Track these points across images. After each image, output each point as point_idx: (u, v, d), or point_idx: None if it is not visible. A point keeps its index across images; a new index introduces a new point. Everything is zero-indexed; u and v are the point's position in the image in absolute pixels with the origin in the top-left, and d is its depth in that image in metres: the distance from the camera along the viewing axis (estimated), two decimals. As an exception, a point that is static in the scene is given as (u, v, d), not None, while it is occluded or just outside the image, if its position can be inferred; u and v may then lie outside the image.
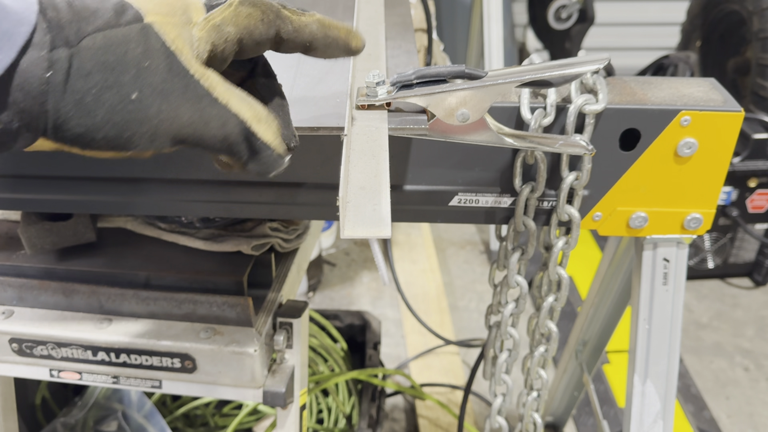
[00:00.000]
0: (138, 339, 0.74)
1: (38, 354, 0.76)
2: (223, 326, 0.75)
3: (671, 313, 0.79)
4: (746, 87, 2.23)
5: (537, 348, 0.91)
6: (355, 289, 2.13)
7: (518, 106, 0.67)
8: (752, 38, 2.10)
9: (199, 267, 0.78)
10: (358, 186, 0.57)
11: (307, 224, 0.88)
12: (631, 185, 0.71)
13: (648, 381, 0.82)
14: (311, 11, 0.50)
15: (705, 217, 0.73)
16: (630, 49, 3.26)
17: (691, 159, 0.69)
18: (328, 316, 1.51)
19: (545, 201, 0.73)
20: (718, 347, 1.89)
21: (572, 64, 0.58)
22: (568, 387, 1.34)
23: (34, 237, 0.78)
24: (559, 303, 0.84)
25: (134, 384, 0.77)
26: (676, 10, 2.88)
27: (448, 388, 1.70)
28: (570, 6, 2.32)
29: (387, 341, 1.88)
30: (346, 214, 0.52)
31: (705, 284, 2.14)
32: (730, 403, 1.71)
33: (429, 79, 0.58)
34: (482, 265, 2.23)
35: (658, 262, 0.78)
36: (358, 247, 2.31)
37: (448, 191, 0.72)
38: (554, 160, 0.70)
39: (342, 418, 1.38)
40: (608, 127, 0.68)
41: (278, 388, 0.75)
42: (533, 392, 0.97)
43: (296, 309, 0.78)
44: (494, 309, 0.89)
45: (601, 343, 1.13)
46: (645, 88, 0.70)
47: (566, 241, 0.77)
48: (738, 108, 0.67)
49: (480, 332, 1.93)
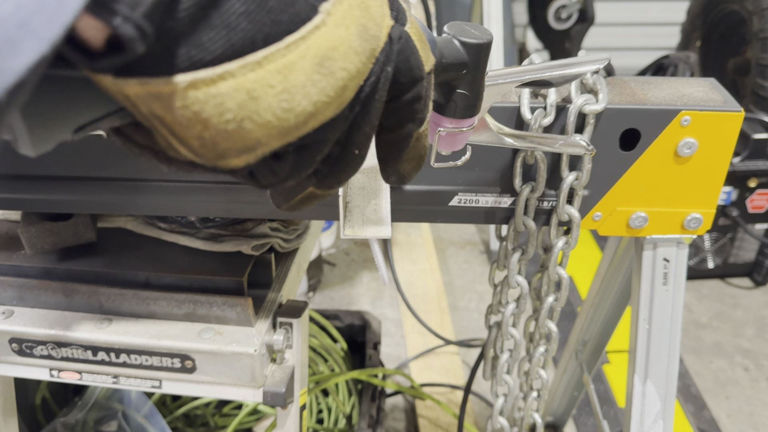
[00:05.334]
0: (138, 339, 0.74)
1: (38, 354, 0.76)
2: (223, 326, 0.75)
3: (671, 313, 0.79)
4: (746, 87, 2.23)
5: (537, 348, 0.91)
6: (355, 289, 2.13)
7: (518, 106, 0.67)
8: (752, 38, 2.10)
9: (199, 267, 0.78)
10: (358, 186, 0.57)
11: (307, 224, 0.87)
12: (631, 185, 0.71)
13: (648, 381, 0.82)
14: None
15: (705, 217, 0.73)
16: (630, 49, 3.26)
17: (691, 159, 0.69)
18: (328, 316, 1.51)
19: (545, 201, 0.73)
20: (718, 347, 1.89)
21: (572, 64, 0.58)
22: (568, 387, 1.34)
23: (34, 237, 0.78)
24: (559, 303, 0.84)
25: (134, 384, 0.77)
26: (676, 10, 2.88)
27: (448, 388, 1.70)
28: (570, 6, 2.32)
29: (387, 341, 1.88)
30: (346, 214, 0.53)
31: (705, 284, 2.13)
32: (730, 403, 1.71)
33: (429, 79, 0.58)
34: (482, 265, 2.23)
35: (658, 262, 0.78)
36: (358, 247, 2.31)
37: (448, 191, 0.72)
38: (554, 160, 0.70)
39: (342, 418, 1.38)
40: (608, 127, 0.68)
41: (278, 388, 0.75)
42: (533, 392, 0.97)
43: (296, 309, 0.78)
44: (494, 309, 0.89)
45: (601, 343, 1.13)
46: (645, 88, 0.70)
47: (566, 241, 0.77)
48: (738, 108, 0.67)
49: (480, 332, 1.93)
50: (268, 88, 0.31)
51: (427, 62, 0.41)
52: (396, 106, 0.40)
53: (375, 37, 0.36)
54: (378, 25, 0.36)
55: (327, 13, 0.33)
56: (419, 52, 0.39)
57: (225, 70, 0.30)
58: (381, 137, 0.43)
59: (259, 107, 0.31)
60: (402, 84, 0.39)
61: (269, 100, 0.31)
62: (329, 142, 0.37)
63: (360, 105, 0.37)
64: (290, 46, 0.31)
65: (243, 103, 0.30)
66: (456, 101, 0.49)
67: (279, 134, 0.33)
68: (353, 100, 0.36)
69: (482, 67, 0.48)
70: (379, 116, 0.39)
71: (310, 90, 0.32)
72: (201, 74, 0.29)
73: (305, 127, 0.34)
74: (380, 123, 0.42)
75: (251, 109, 0.31)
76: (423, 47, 0.40)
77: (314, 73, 0.32)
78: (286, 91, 0.32)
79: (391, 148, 0.43)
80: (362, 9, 0.35)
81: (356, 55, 0.34)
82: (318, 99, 0.33)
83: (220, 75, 0.30)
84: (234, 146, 0.32)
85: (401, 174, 0.46)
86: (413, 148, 0.44)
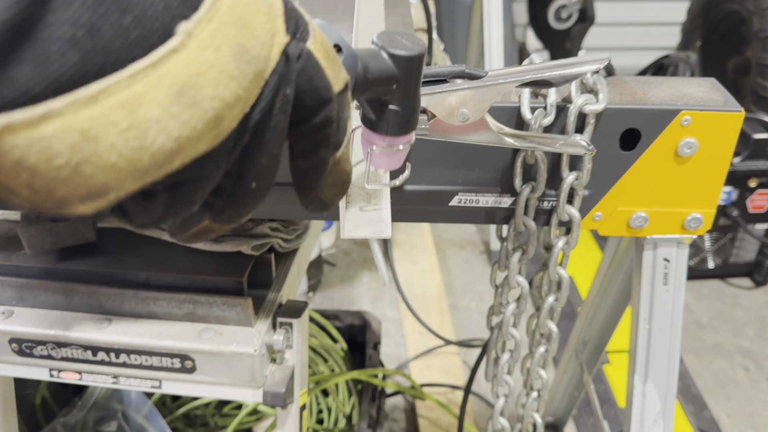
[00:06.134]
0: (138, 339, 0.74)
1: (38, 354, 0.76)
2: (223, 326, 0.75)
3: (671, 313, 0.79)
4: (746, 87, 2.23)
5: (537, 348, 0.91)
6: (355, 289, 2.13)
7: (518, 106, 0.67)
8: (752, 38, 2.10)
9: (199, 267, 0.78)
10: (358, 186, 0.57)
11: (307, 224, 0.87)
12: (632, 185, 0.71)
13: (648, 381, 0.82)
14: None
15: (705, 217, 0.73)
16: (630, 49, 3.26)
17: (691, 159, 0.69)
18: (328, 316, 1.51)
19: (545, 201, 0.73)
20: (719, 347, 1.89)
21: (572, 64, 0.58)
22: (568, 387, 1.34)
23: (34, 237, 0.78)
24: (560, 303, 0.84)
25: (134, 384, 0.77)
26: (676, 10, 2.88)
27: (449, 388, 1.70)
28: (570, 6, 2.32)
29: (387, 341, 1.88)
30: (346, 214, 0.52)
31: (705, 284, 2.13)
32: (730, 403, 1.71)
33: (429, 79, 0.58)
34: (482, 265, 2.23)
35: (658, 262, 0.78)
36: (358, 247, 2.31)
37: (448, 191, 0.72)
38: (554, 160, 0.70)
39: (342, 419, 1.38)
40: (608, 127, 0.68)
41: (278, 388, 0.75)
42: (533, 392, 0.97)
43: (296, 309, 0.78)
44: (496, 310, 0.89)
45: (601, 343, 1.13)
46: (645, 88, 0.70)
47: (566, 241, 0.77)
48: (738, 108, 0.67)
49: (480, 332, 1.93)
50: (110, 126, 0.26)
51: (337, 81, 0.37)
52: (304, 131, 0.37)
53: (260, 58, 0.32)
54: (264, 44, 0.32)
55: (187, 34, 0.29)
56: (325, 70, 0.36)
57: (48, 110, 0.25)
58: (294, 163, 0.39)
59: (99, 148, 0.26)
60: (308, 107, 0.35)
61: (112, 139, 0.27)
62: (210, 178, 0.33)
63: (250, 134, 0.33)
64: (136, 75, 0.27)
65: (77, 145, 0.26)
66: (388, 118, 0.45)
67: (133, 176, 0.28)
68: (238, 129, 0.32)
69: (414, 80, 0.44)
70: (281, 143, 0.35)
71: (168, 124, 0.28)
72: (17, 116, 0.25)
73: (169, 165, 0.29)
74: (291, 148, 0.38)
75: (89, 152, 0.26)
76: (331, 64, 0.36)
77: (173, 104, 0.28)
78: (133, 127, 0.27)
79: (306, 174, 0.40)
80: (240, 27, 0.31)
81: (232, 81, 0.30)
82: (181, 134, 0.29)
83: (42, 115, 0.25)
84: (75, 193, 0.27)
85: (322, 201, 0.42)
86: (332, 174, 0.40)
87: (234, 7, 0.31)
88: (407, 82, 0.43)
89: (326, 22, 0.42)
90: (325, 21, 0.41)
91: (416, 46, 0.43)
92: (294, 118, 0.36)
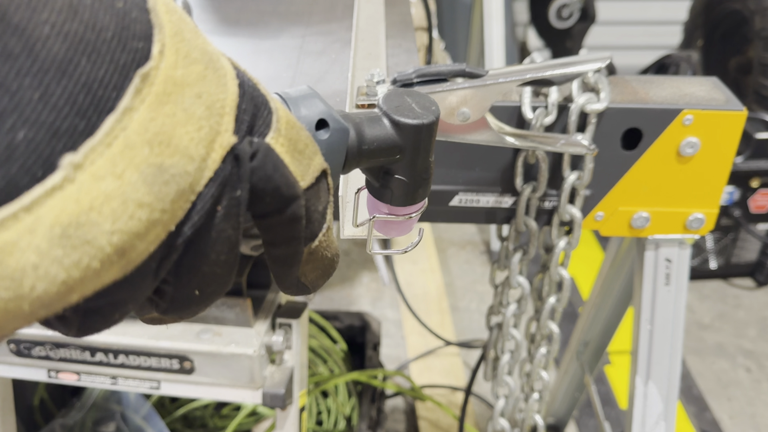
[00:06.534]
0: (136, 340, 0.73)
1: (36, 355, 0.76)
2: (222, 327, 0.75)
3: (673, 314, 0.79)
4: (748, 86, 2.23)
5: (538, 349, 0.90)
6: (354, 290, 2.12)
7: (519, 105, 0.67)
8: (754, 37, 2.09)
9: (198, 267, 0.78)
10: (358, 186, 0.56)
11: (306, 224, 0.87)
12: (633, 185, 0.71)
13: (650, 382, 0.81)
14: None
15: (707, 218, 0.73)
16: (632, 48, 3.26)
17: (693, 158, 0.69)
18: (328, 316, 1.50)
19: (547, 201, 0.73)
20: (720, 348, 1.88)
21: (574, 63, 0.57)
22: (569, 388, 1.34)
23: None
24: (561, 303, 0.84)
25: (132, 385, 0.77)
26: (677, 9, 2.87)
27: (449, 389, 1.69)
28: (571, 5, 2.31)
29: (387, 342, 1.88)
30: (346, 214, 0.52)
31: (707, 285, 2.13)
32: (732, 404, 1.71)
33: (429, 78, 0.57)
34: (483, 266, 2.23)
35: (660, 262, 0.77)
36: (358, 247, 2.31)
37: (449, 191, 0.71)
38: (556, 160, 0.70)
39: (342, 420, 1.37)
40: (610, 126, 0.67)
41: (277, 390, 0.75)
42: (534, 393, 0.96)
43: (295, 310, 0.78)
44: (495, 310, 0.89)
45: (602, 343, 1.13)
46: (647, 87, 0.70)
47: (568, 241, 0.77)
48: (740, 107, 0.67)
49: (481, 333, 1.92)
50: None
51: (306, 175, 0.33)
52: (270, 224, 0.33)
53: (185, 174, 0.28)
54: (192, 157, 0.28)
55: (74, 167, 0.25)
56: (289, 166, 0.32)
57: None
58: (266, 249, 0.36)
59: None
60: (268, 204, 0.32)
61: None
62: (129, 301, 0.29)
63: (182, 250, 0.30)
64: (4, 222, 0.23)
65: None
66: (392, 188, 0.40)
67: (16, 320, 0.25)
68: (163, 248, 0.28)
69: (424, 150, 0.39)
70: (233, 247, 0.31)
71: (49, 270, 0.24)
72: None
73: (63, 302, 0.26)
74: (261, 236, 0.35)
75: None
76: (298, 157, 0.33)
77: (54, 248, 0.24)
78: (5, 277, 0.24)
79: (280, 263, 0.36)
80: (156, 144, 0.27)
81: (141, 208, 0.26)
82: (69, 276, 0.25)
83: None
84: None
85: (303, 284, 0.38)
86: (309, 262, 0.37)
87: (150, 121, 0.26)
88: (414, 152, 0.38)
89: (314, 89, 0.37)
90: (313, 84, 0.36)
91: (427, 112, 0.38)
92: (256, 212, 0.32)
